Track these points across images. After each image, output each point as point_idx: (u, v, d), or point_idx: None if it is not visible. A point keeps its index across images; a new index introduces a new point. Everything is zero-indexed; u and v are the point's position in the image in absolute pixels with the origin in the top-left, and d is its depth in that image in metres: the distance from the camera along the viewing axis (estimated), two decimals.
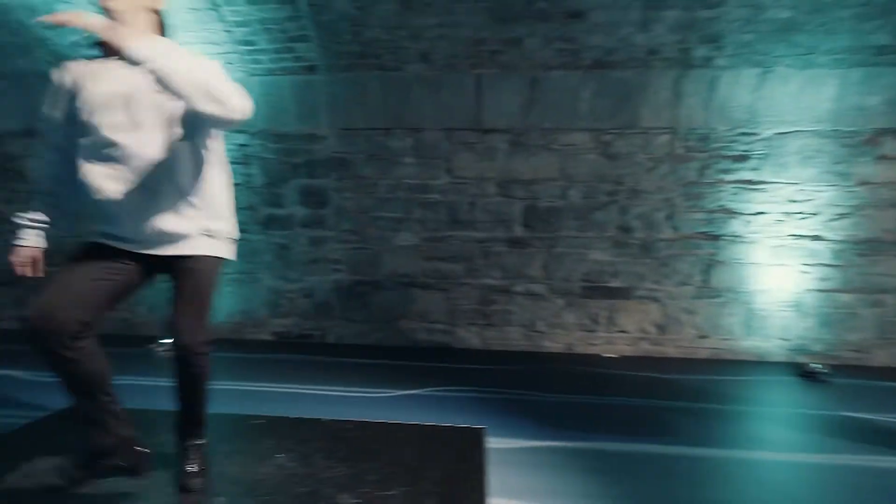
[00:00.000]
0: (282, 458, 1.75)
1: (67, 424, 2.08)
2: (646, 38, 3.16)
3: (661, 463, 1.99)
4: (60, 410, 2.22)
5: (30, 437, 1.95)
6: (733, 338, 3.64)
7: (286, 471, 1.67)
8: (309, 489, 1.55)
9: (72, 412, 1.42)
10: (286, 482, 1.59)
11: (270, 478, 1.62)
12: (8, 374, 2.98)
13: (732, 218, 3.55)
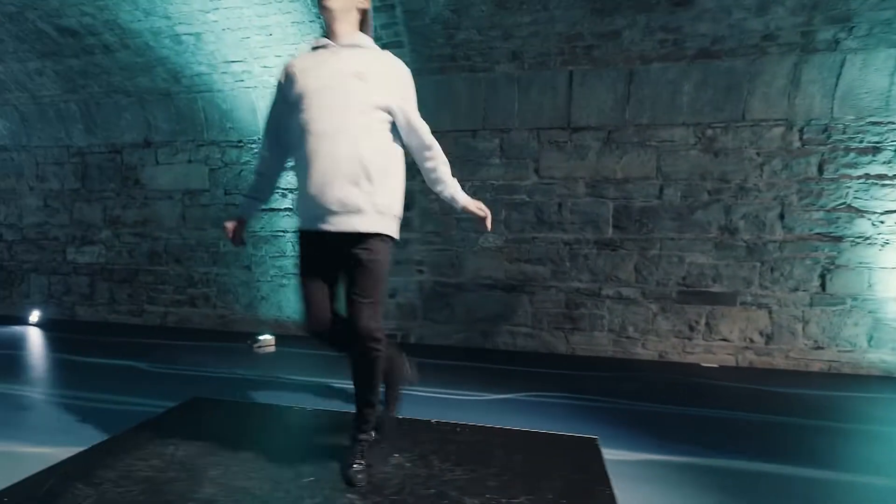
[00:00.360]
0: (398, 458, 1.77)
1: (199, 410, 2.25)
2: (761, 22, 2.91)
3: (779, 483, 1.80)
4: (189, 400, 2.40)
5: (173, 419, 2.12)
6: (855, 350, 3.27)
7: (406, 471, 1.68)
8: (434, 491, 1.55)
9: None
10: (409, 482, 1.60)
11: (393, 477, 1.64)
12: (133, 365, 3.28)
13: (858, 217, 3.19)
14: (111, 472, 1.61)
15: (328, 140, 1.49)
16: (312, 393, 2.74)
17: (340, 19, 1.55)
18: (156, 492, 1.51)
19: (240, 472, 1.64)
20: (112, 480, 1.56)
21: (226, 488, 1.53)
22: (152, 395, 2.64)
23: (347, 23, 1.57)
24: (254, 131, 4.07)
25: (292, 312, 4.12)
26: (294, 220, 4.04)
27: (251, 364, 3.33)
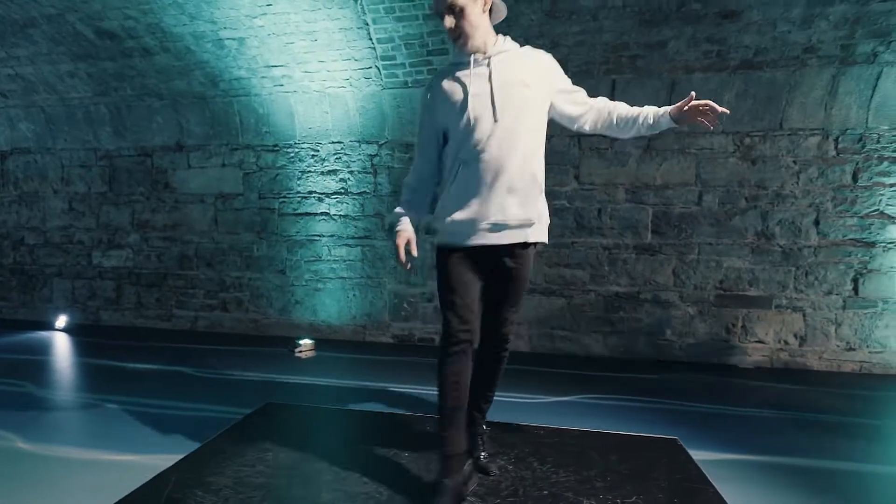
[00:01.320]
0: (498, 461, 1.81)
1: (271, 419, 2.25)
2: (804, 35, 3.02)
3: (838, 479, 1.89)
4: (261, 408, 2.40)
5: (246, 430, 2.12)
6: (885, 350, 3.39)
7: (511, 473, 1.72)
8: (547, 492, 1.59)
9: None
10: (519, 485, 1.64)
11: (502, 480, 1.67)
12: (178, 370, 3.25)
13: (891, 223, 3.32)
14: (224, 479, 1.62)
15: (498, 160, 1.47)
16: (367, 397, 2.76)
17: (477, 37, 1.52)
18: (278, 498, 1.52)
19: (351, 478, 1.66)
20: (230, 487, 1.57)
21: (345, 494, 1.55)
22: (209, 400, 2.63)
23: (484, 33, 1.54)
24: (290, 135, 4.07)
25: (328, 316, 4.12)
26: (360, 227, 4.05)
27: (296, 368, 3.33)
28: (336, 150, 4.03)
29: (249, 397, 2.69)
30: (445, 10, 1.47)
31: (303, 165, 4.09)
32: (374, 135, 3.94)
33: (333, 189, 4.06)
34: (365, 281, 4.06)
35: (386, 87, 3.76)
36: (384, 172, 3.97)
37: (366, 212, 4.02)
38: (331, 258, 4.10)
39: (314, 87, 3.85)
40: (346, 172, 4.03)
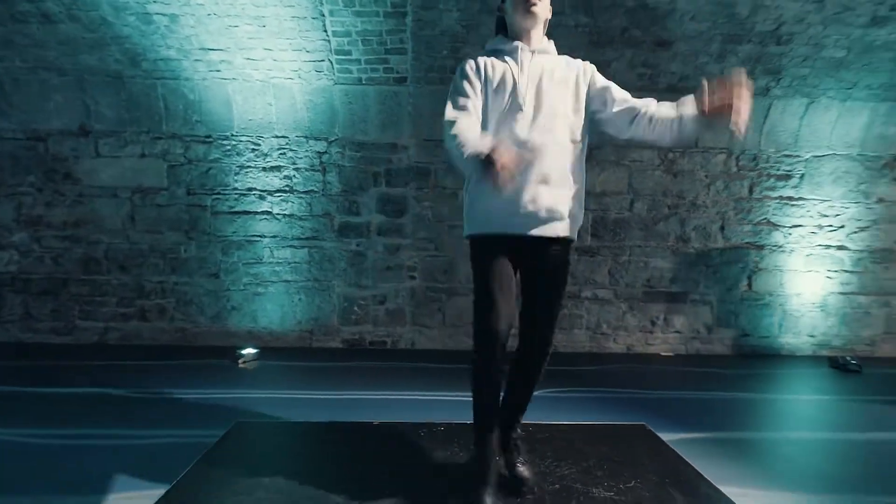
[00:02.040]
0: (500, 460, 1.86)
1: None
2: (718, 67, 3.51)
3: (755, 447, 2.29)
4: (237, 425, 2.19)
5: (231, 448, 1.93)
6: (771, 336, 4.09)
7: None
8: (558, 486, 1.69)
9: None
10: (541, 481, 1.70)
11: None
12: (105, 392, 2.82)
13: (775, 230, 4.00)
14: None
15: (535, 148, 1.47)
16: (331, 406, 2.66)
17: (539, 27, 1.56)
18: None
19: (370, 492, 1.60)
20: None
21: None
22: (159, 424, 2.34)
23: (542, 29, 1.58)
24: (227, 126, 3.72)
25: (269, 322, 3.86)
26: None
27: (244, 380, 3.08)
28: (280, 145, 3.77)
29: (204, 416, 2.44)
30: None
31: (241, 160, 3.77)
32: (323, 131, 3.77)
33: (277, 186, 3.80)
34: (312, 284, 3.86)
35: (338, 82, 3.61)
36: (334, 171, 3.81)
37: (313, 211, 3.83)
38: (273, 260, 3.84)
39: (257, 75, 3.57)
40: (292, 169, 3.79)
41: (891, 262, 4.07)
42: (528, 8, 1.51)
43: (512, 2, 1.54)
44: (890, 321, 4.11)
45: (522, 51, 1.54)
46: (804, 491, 1.85)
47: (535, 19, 1.53)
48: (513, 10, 1.55)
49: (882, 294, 4.09)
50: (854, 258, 4.06)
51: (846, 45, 3.34)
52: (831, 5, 3.13)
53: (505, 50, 1.58)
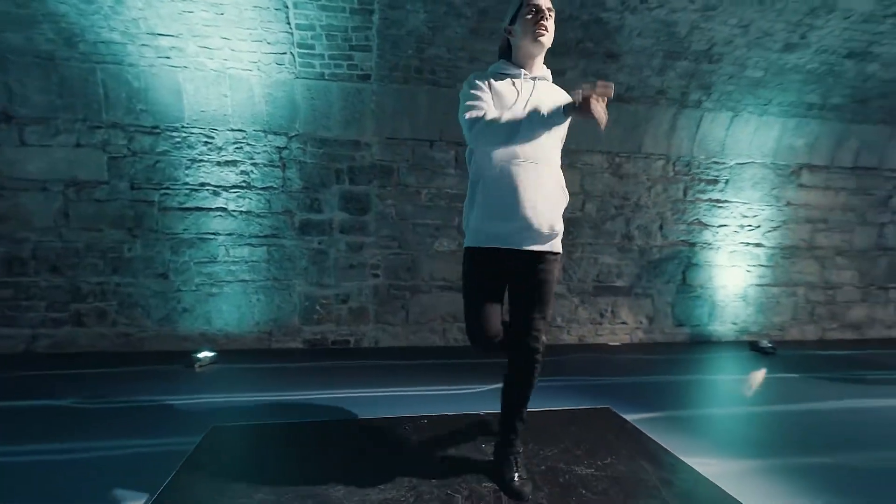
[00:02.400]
0: (486, 447, 1.96)
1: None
2: (659, 80, 3.85)
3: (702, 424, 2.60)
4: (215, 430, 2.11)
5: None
6: (702, 324, 4.55)
7: None
8: (544, 467, 1.82)
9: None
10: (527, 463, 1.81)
11: None
12: (55, 404, 2.57)
13: (705, 229, 4.45)
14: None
15: (534, 168, 1.58)
16: (299, 406, 2.63)
17: (543, 54, 1.69)
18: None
19: (367, 488, 1.62)
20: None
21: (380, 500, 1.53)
22: (120, 434, 2.20)
23: (543, 56, 1.70)
24: (176, 117, 3.51)
25: (224, 324, 3.69)
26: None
27: (203, 385, 2.94)
28: (236, 139, 3.62)
29: (167, 423, 2.32)
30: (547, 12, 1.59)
31: (193, 153, 3.57)
32: (282, 126, 3.66)
33: (233, 182, 3.64)
34: (271, 283, 3.74)
35: (300, 76, 3.53)
36: (294, 167, 3.72)
37: (272, 208, 3.71)
38: (229, 259, 3.67)
39: (212, 65, 3.40)
40: (249, 164, 3.65)
41: (797, 258, 4.67)
42: (536, 37, 1.62)
43: (522, 29, 1.63)
44: (796, 309, 4.72)
45: (525, 77, 1.67)
46: (748, 458, 2.12)
47: (542, 47, 1.65)
48: (522, 36, 1.65)
49: (790, 285, 4.69)
50: (768, 254, 4.61)
51: (764, 66, 3.80)
52: (754, 31, 3.55)
53: (509, 73, 1.69)
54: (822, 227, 4.69)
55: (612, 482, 1.72)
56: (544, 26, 1.61)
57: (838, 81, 4.06)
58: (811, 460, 2.13)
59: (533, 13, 1.61)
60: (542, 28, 1.61)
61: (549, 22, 1.62)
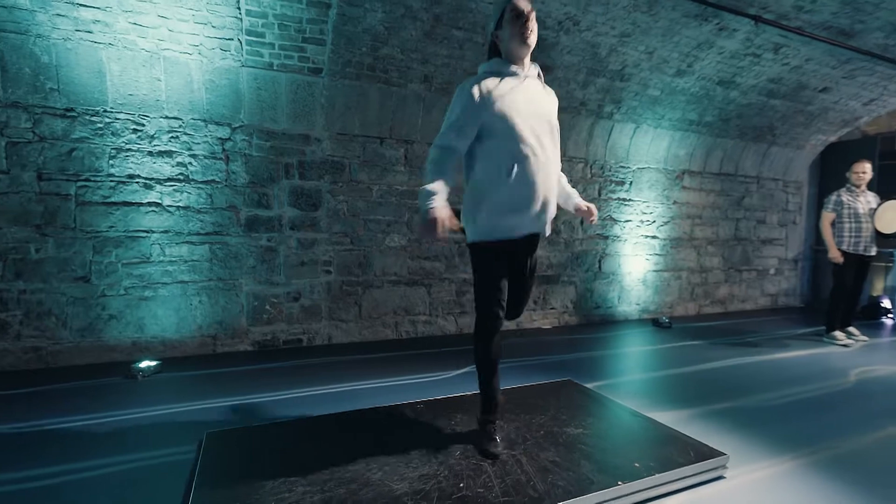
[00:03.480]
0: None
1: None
2: (581, 93, 4.38)
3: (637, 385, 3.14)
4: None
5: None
6: (613, 306, 5.26)
7: (504, 430, 2.12)
8: (544, 432, 2.07)
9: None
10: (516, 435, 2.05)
11: (505, 436, 2.05)
12: None
13: (615, 224, 5.15)
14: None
15: (542, 166, 1.76)
16: (270, 406, 2.60)
17: (529, 54, 1.81)
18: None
19: (401, 468, 1.72)
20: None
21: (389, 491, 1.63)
22: (91, 454, 1.98)
23: (529, 55, 1.82)
24: (98, 100, 3.11)
25: (161, 330, 3.37)
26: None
27: (157, 395, 2.71)
28: (172, 128, 3.32)
29: (140, 438, 2.14)
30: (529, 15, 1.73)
31: (118, 141, 3.19)
32: (225, 116, 3.44)
33: (168, 174, 3.33)
34: (215, 284, 3.50)
35: (246, 64, 3.36)
36: (239, 160, 3.52)
37: (215, 203, 3.47)
38: (165, 259, 3.36)
39: (144, 44, 3.09)
40: (187, 155, 3.37)
41: (681, 247, 5.62)
42: (524, 40, 1.77)
43: (509, 33, 1.77)
44: (681, 290, 5.68)
45: (520, 76, 1.80)
46: (682, 408, 2.63)
47: (528, 48, 1.81)
48: (509, 40, 1.78)
49: (676, 270, 5.63)
50: (661, 244, 5.49)
51: (660, 87, 4.54)
52: (656, 57, 4.24)
53: (505, 72, 1.80)
54: (698, 222, 5.71)
55: (601, 436, 2.04)
56: (529, 28, 1.73)
57: (711, 103, 5.00)
58: (722, 405, 2.70)
59: (517, 18, 1.75)
60: (527, 31, 1.74)
61: (532, 23, 1.74)
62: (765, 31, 4.01)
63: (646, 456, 1.84)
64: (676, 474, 1.74)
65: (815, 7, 3.82)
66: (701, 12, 3.78)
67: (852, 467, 1.99)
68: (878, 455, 2.12)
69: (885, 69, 4.86)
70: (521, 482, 1.65)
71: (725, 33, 4.07)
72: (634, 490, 1.65)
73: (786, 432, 2.33)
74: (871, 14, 3.97)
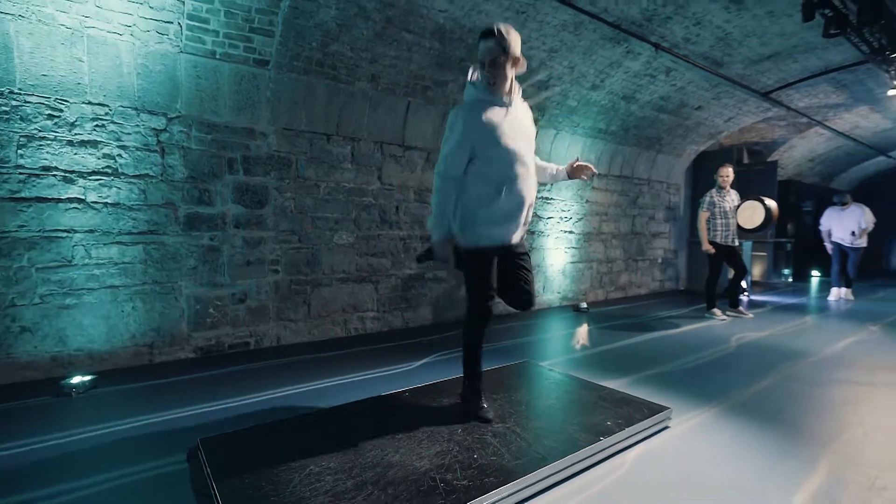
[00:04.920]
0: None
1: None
2: None
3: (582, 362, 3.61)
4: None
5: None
6: (539, 295, 5.77)
7: (494, 408, 2.34)
8: (525, 407, 2.33)
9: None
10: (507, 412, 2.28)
11: (496, 416, 2.27)
12: None
13: (540, 220, 5.65)
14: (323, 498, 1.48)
15: (526, 181, 1.99)
16: (227, 412, 2.55)
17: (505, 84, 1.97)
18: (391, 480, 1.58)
19: (415, 448, 1.84)
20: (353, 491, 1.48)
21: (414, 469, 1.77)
22: (21, 488, 1.80)
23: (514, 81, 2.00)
24: (4, 79, 2.69)
25: (87, 341, 3.02)
26: None
27: (97, 413, 2.46)
28: (97, 115, 2.97)
29: (95, 461, 1.97)
30: (490, 62, 1.91)
31: (29, 128, 2.79)
32: (160, 104, 3.17)
33: (93, 167, 2.98)
34: (151, 287, 3.21)
35: (185, 50, 3.13)
36: (177, 153, 3.26)
37: (150, 200, 3.18)
38: (91, 262, 3.00)
39: (65, 20, 2.74)
40: (116, 146, 3.05)
41: (592, 241, 6.35)
42: (489, 83, 1.95)
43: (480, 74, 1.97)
44: (592, 278, 6.42)
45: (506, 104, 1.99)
46: (621, 377, 3.08)
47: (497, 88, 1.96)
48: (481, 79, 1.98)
49: (588, 261, 6.34)
50: (576, 238, 6.14)
51: (577, 98, 5.11)
52: (576, 72, 4.76)
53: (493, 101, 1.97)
54: (605, 218, 6.49)
55: (572, 404, 2.36)
56: (493, 75, 1.93)
57: (616, 115, 5.72)
58: (648, 373, 3.21)
59: (482, 64, 1.95)
60: (491, 78, 1.95)
61: (497, 70, 1.92)
62: (661, 56, 4.74)
63: (612, 416, 2.19)
64: (639, 427, 2.11)
65: (699, 40, 4.62)
66: (615, 36, 4.35)
67: (755, 408, 2.55)
68: (768, 397, 2.73)
69: (742, 94, 5.99)
70: (524, 447, 1.87)
71: (631, 56, 4.73)
72: (613, 443, 1.97)
73: (701, 388, 2.87)
74: (736, 49, 4.90)
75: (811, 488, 1.76)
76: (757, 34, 4.62)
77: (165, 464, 1.90)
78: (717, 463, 1.95)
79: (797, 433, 2.25)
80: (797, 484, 1.79)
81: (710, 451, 2.06)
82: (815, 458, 2.00)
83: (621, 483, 1.79)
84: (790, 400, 2.71)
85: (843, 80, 6.07)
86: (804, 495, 1.71)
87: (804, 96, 6.53)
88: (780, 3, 4.04)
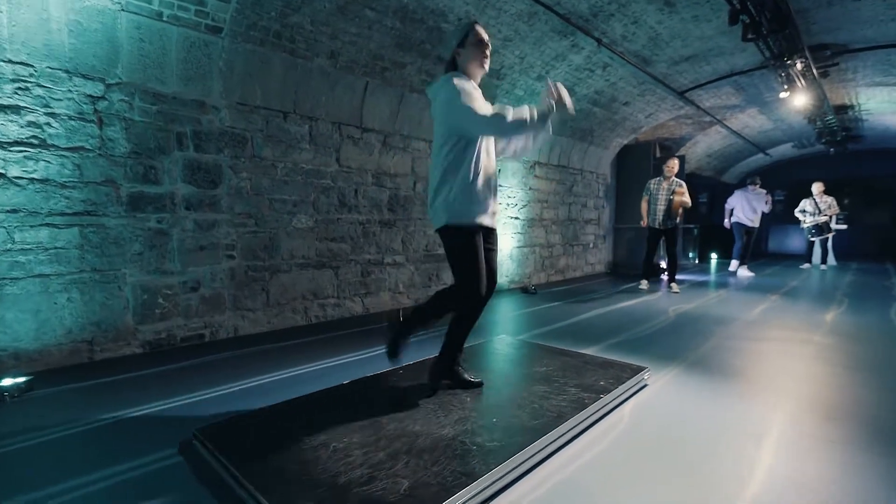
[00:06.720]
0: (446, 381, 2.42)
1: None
2: None
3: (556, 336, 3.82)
4: None
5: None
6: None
7: (485, 383, 2.40)
8: (505, 384, 2.43)
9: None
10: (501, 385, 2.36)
11: (484, 389, 2.34)
12: None
13: None
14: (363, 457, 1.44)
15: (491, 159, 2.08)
16: (192, 409, 2.40)
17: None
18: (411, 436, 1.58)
19: (433, 418, 1.84)
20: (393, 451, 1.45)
21: (440, 437, 1.79)
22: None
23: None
24: None
25: (13, 339, 2.60)
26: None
27: (41, 417, 2.16)
28: (19, 76, 2.54)
29: (42, 469, 1.74)
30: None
31: None
32: (96, 68, 2.79)
33: (14, 136, 2.55)
34: (89, 276, 2.83)
35: (127, 9, 2.78)
36: (118, 124, 2.89)
37: (86, 177, 2.80)
38: (14, 247, 2.58)
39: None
40: (43, 114, 2.63)
41: (534, 227, 6.66)
42: (482, 65, 2.08)
43: (470, 55, 2.05)
44: (535, 262, 6.74)
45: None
46: (590, 346, 3.30)
47: (485, 71, 2.12)
48: (470, 60, 2.06)
49: (532, 246, 6.65)
50: (522, 224, 6.40)
51: (524, 88, 5.32)
52: (525, 63, 4.95)
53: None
54: (546, 205, 6.84)
55: (564, 369, 2.50)
56: (488, 56, 2.07)
57: None
58: (610, 342, 3.48)
59: (479, 44, 2.03)
60: (487, 59, 2.07)
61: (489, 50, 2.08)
62: (602, 52, 5.09)
63: (603, 377, 2.36)
64: (628, 384, 2.30)
65: (634, 38, 5.03)
66: (563, 29, 4.59)
67: (709, 362, 2.89)
68: (717, 354, 3.10)
69: (662, 91, 6.62)
70: (538, 409, 1.96)
71: (576, 49, 5.02)
72: (611, 399, 2.13)
73: (661, 351, 3.18)
74: (663, 49, 5.40)
75: (769, 413, 2.05)
76: (681, 36, 5.13)
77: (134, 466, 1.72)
78: (698, 406, 2.20)
79: (746, 378, 2.60)
80: (762, 414, 2.07)
81: (689, 398, 2.31)
82: (764, 390, 2.33)
83: (630, 431, 1.95)
84: (733, 354, 3.10)
85: (742, 83, 6.94)
86: (767, 417, 1.99)
87: (710, 97, 7.37)
88: (705, 8, 4.53)
